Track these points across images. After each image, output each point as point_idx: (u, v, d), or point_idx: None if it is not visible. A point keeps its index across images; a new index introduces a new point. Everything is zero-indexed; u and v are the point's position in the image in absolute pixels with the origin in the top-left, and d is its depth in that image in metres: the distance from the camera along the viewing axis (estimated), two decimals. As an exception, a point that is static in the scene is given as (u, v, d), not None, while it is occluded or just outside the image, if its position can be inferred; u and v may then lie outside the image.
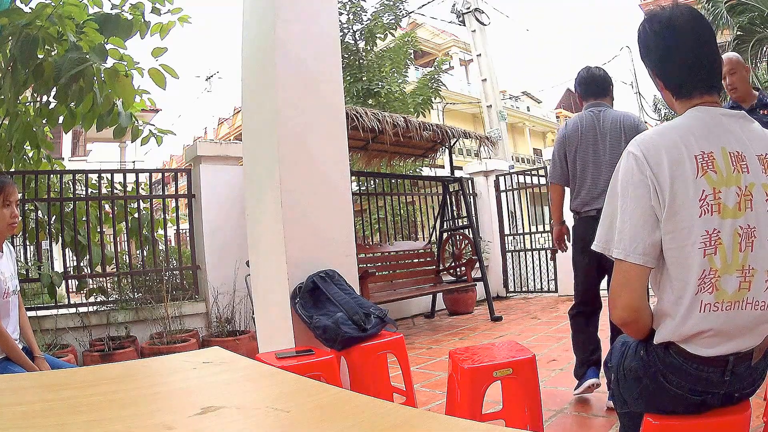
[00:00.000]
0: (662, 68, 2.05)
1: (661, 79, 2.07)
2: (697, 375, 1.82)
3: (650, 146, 1.86)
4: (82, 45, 5.61)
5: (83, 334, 6.43)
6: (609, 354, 2.24)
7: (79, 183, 7.29)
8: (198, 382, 1.45)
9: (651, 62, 2.09)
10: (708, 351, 1.79)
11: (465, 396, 2.84)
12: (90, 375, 1.68)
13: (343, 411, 1.08)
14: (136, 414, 1.13)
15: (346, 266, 4.52)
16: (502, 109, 17.72)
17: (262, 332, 4.70)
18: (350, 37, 12.25)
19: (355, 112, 7.09)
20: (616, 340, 2.24)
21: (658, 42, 2.04)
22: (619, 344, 2.14)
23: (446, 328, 8.39)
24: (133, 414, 1.13)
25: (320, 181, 4.47)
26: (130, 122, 6.50)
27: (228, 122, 48.19)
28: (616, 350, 2.14)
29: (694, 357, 1.81)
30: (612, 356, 2.17)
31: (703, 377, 1.82)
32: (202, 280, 7.57)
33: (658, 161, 1.82)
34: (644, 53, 2.10)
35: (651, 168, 1.82)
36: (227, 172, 7.77)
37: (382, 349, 3.92)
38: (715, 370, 1.80)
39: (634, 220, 1.83)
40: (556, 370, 5.13)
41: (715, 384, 1.82)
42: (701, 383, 1.83)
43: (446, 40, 43.15)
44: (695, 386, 1.84)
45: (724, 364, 1.79)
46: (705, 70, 1.96)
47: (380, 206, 10.63)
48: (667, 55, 2.02)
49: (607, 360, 2.22)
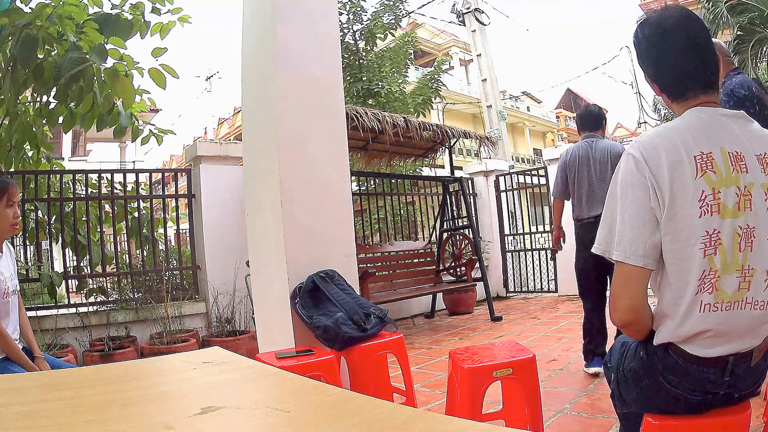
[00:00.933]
0: (656, 71, 2.07)
1: (657, 82, 2.08)
2: (697, 375, 1.82)
3: (649, 147, 1.86)
4: (82, 45, 5.60)
5: (83, 334, 6.43)
6: (609, 354, 2.24)
7: (79, 183, 7.28)
8: (198, 382, 1.45)
9: (645, 66, 2.11)
10: (707, 351, 1.79)
11: (465, 396, 2.84)
12: (90, 375, 1.69)
13: (344, 411, 1.08)
14: (135, 414, 1.13)
15: (346, 266, 4.52)
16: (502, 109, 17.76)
17: (262, 332, 4.70)
18: (350, 37, 12.23)
19: (355, 112, 7.09)
20: (615, 340, 2.24)
21: (649, 46, 2.05)
22: (618, 345, 2.14)
23: (446, 328, 8.40)
24: (132, 414, 1.13)
25: (320, 180, 4.46)
26: (130, 122, 6.49)
27: (228, 122, 48.21)
28: (615, 351, 2.14)
29: (693, 358, 1.81)
30: (612, 356, 2.16)
31: (703, 378, 1.81)
32: (202, 280, 7.57)
33: (657, 162, 1.82)
34: (639, 58, 2.11)
35: (650, 169, 1.82)
36: (227, 172, 7.77)
37: (382, 349, 3.92)
38: (715, 371, 1.80)
39: (633, 222, 1.83)
40: (556, 370, 5.12)
41: (715, 384, 1.82)
42: (701, 384, 1.82)
43: (446, 40, 43.18)
44: (695, 386, 1.84)
45: (723, 364, 1.79)
46: (699, 69, 1.97)
47: (380, 206, 10.63)
48: (659, 58, 2.04)
49: (607, 360, 2.22)
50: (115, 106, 6.27)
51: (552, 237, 5.65)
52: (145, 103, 6.89)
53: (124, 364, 1.88)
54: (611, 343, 2.59)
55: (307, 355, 3.49)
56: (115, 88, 5.81)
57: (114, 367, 1.77)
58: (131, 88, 5.97)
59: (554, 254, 10.37)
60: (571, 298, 10.16)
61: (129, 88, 5.93)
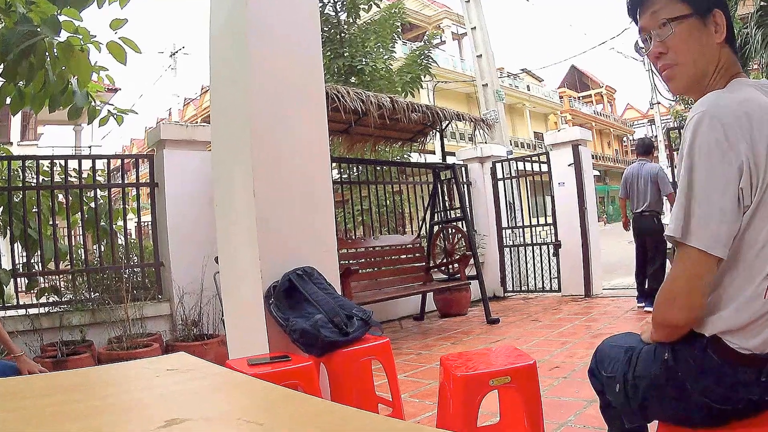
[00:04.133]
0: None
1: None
2: (731, 377, 1.79)
3: (739, 112, 1.71)
4: (33, 17, 5.55)
5: (34, 339, 6.39)
6: (599, 362, 2.21)
7: (30, 170, 7.24)
8: (161, 392, 1.45)
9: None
10: (754, 341, 1.75)
11: (458, 407, 2.85)
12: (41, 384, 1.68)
13: (323, 424, 1.08)
14: (92, 427, 1.12)
15: (326, 263, 4.52)
16: (499, 88, 17.74)
17: (233, 336, 4.70)
18: (331, 8, 12.19)
19: (336, 92, 7.07)
20: (607, 347, 2.23)
21: None
22: (619, 352, 2.10)
23: (437, 331, 8.43)
24: (88, 427, 1.12)
25: (297, 168, 4.45)
26: (86, 102, 6.43)
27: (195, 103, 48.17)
28: (614, 359, 2.11)
29: (733, 355, 1.77)
30: (608, 365, 2.14)
31: (738, 380, 1.78)
32: (165, 279, 7.56)
33: (752, 134, 1.68)
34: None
35: (746, 141, 1.68)
36: (194, 157, 7.77)
37: (366, 354, 3.93)
38: (752, 371, 1.78)
39: (722, 205, 1.68)
40: (559, 378, 5.15)
41: (748, 388, 1.79)
42: (734, 388, 1.79)
43: (437, 12, 43.22)
44: (726, 392, 1.80)
45: (762, 364, 1.77)
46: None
47: (364, 196, 10.64)
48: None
49: (599, 369, 2.20)
50: (69, 85, 6.21)
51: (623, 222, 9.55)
52: (103, 81, 6.83)
53: (80, 371, 1.87)
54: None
55: (283, 362, 3.49)
56: (70, 64, 5.76)
57: (68, 375, 1.76)
58: (87, 64, 5.92)
59: (557, 249, 10.47)
60: (575, 299, 10.23)
61: (85, 64, 5.88)
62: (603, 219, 45.80)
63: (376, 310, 5.70)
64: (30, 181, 7.18)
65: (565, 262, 10.69)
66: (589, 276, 10.47)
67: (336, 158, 9.01)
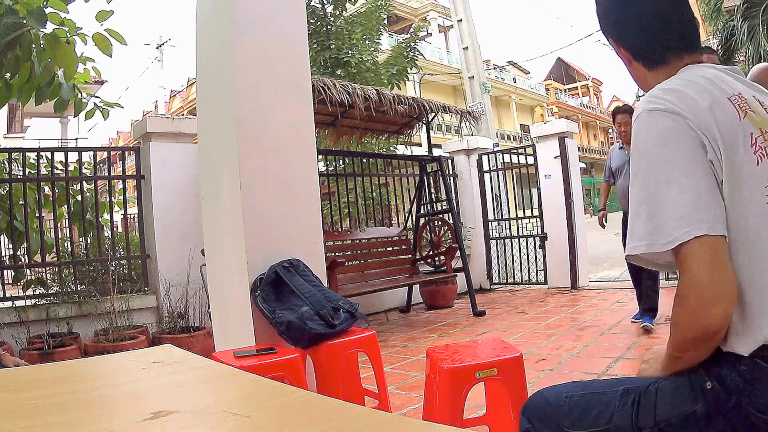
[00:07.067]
0: (624, 31, 1.89)
1: (626, 47, 1.89)
2: None
3: (675, 94, 1.62)
4: (18, 8, 5.52)
5: (20, 331, 6.36)
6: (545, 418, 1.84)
7: (16, 163, 7.19)
8: (148, 384, 1.45)
9: (610, 28, 1.93)
10: None
11: (444, 399, 2.86)
12: (27, 376, 1.68)
13: (309, 416, 1.09)
14: (78, 419, 1.12)
15: (313, 255, 4.52)
16: (485, 80, 17.77)
17: (219, 328, 4.69)
18: (317, 0, 12.18)
19: (322, 84, 7.05)
20: (545, 400, 1.88)
21: (611, 2, 1.93)
22: (599, 399, 1.72)
23: (423, 323, 8.44)
24: (75, 419, 1.12)
25: (283, 160, 4.44)
26: (73, 94, 6.41)
27: (181, 95, 47.99)
28: (594, 408, 1.71)
29: None
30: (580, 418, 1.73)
31: None
32: (152, 271, 7.53)
33: (694, 108, 1.58)
34: (602, 22, 1.96)
35: (692, 118, 1.56)
36: (180, 150, 7.73)
37: (353, 347, 3.93)
38: None
39: (700, 184, 1.52)
40: (546, 371, 5.16)
41: None
42: None
43: (423, 4, 43.20)
44: None
45: None
46: (676, 24, 1.81)
47: (350, 188, 10.63)
48: (625, 13, 1.88)
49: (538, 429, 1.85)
50: (55, 77, 6.20)
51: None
52: (89, 73, 6.82)
53: (66, 363, 1.86)
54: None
55: (269, 354, 3.48)
56: (56, 56, 5.74)
57: (54, 368, 1.75)
58: (73, 56, 5.90)
59: (543, 242, 10.49)
60: (561, 291, 10.25)
61: (71, 56, 5.86)
62: (589, 211, 45.87)
63: (363, 303, 5.72)
64: (16, 174, 7.14)
65: (551, 255, 10.71)
66: (575, 268, 10.47)
67: (322, 150, 8.97)
